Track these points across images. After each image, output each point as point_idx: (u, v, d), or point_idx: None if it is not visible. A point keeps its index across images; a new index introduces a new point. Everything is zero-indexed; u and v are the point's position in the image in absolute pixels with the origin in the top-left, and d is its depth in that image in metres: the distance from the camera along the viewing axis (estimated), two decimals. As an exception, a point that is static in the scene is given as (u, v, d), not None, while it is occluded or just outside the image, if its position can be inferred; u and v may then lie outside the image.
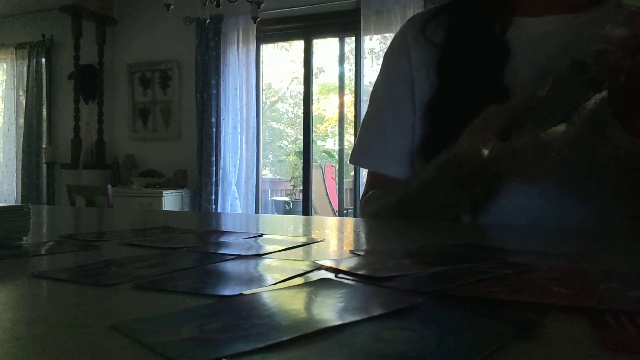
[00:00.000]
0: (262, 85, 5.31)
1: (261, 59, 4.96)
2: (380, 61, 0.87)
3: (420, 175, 0.71)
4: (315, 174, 5.33)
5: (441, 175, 0.66)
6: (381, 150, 0.80)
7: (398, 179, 0.78)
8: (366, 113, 0.86)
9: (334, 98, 8.12)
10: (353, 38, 4.57)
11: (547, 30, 0.70)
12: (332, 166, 6.84)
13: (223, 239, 0.53)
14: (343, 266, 0.37)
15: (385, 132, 0.80)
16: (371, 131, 0.83)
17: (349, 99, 5.42)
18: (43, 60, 5.48)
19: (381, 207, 0.78)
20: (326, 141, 9.13)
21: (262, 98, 5.61)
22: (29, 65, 5.53)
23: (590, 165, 0.65)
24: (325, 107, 8.96)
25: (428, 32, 0.78)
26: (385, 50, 0.87)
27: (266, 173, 8.52)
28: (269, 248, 0.47)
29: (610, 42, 0.54)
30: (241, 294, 0.29)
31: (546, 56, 0.67)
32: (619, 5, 0.67)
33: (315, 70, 5.15)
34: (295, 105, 9.12)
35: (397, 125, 0.79)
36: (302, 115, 4.83)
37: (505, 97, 0.67)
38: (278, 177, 8.74)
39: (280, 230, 0.67)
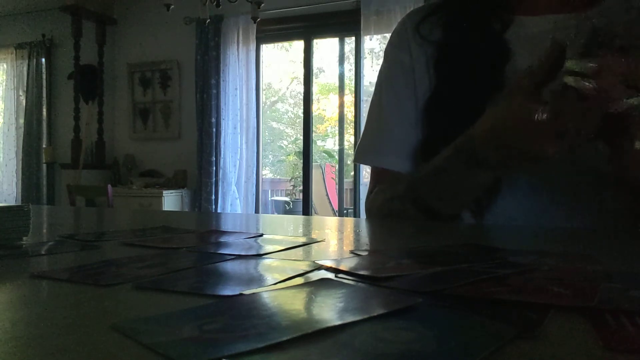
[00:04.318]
0: (262, 85, 5.31)
1: (261, 59, 4.96)
2: (381, 61, 0.86)
3: (437, 158, 0.69)
4: (315, 174, 5.33)
5: (455, 157, 0.65)
6: (385, 146, 0.80)
7: (403, 174, 0.78)
8: (369, 110, 0.85)
9: (334, 98, 8.13)
10: (353, 38, 4.57)
11: (547, 29, 0.70)
12: (332, 166, 6.84)
13: (223, 239, 0.53)
14: (343, 266, 0.37)
15: (388, 127, 0.80)
16: (374, 127, 0.83)
17: (349, 99, 5.42)
18: (43, 60, 5.48)
19: (390, 196, 0.77)
20: (326, 141, 9.13)
21: (262, 98, 5.61)
22: (29, 65, 5.53)
23: (600, 165, 0.64)
24: (325, 107, 8.96)
25: (425, 31, 0.78)
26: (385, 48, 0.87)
27: (266, 173, 8.52)
28: (269, 248, 0.47)
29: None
30: (241, 294, 0.29)
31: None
32: (620, 4, 0.67)
33: (315, 70, 5.15)
34: (295, 105, 9.12)
35: (401, 119, 0.79)
36: (302, 115, 4.83)
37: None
38: (278, 177, 8.74)
39: (280, 230, 0.67)
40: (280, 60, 8.64)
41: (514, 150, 0.59)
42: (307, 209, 4.81)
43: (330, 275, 0.35)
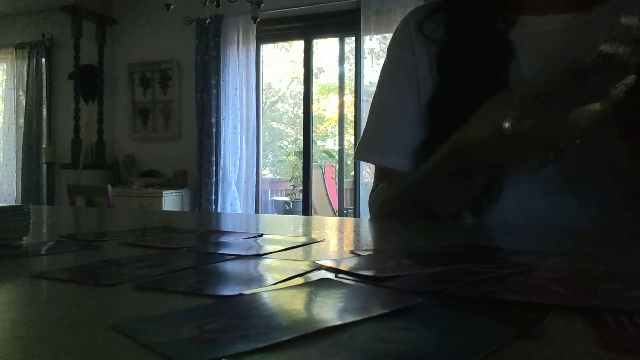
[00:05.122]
0: (262, 85, 5.30)
1: (261, 59, 4.95)
2: (381, 61, 0.86)
3: (426, 163, 0.70)
4: (315, 174, 5.32)
5: (445, 163, 0.66)
6: (387, 144, 0.80)
7: (405, 173, 0.78)
8: (371, 107, 0.85)
9: (334, 98, 8.12)
10: (353, 38, 4.57)
11: (550, 29, 0.70)
12: (332, 166, 6.84)
13: (223, 239, 0.53)
14: (343, 266, 0.37)
15: (391, 125, 0.80)
16: (376, 125, 0.83)
17: (349, 99, 5.41)
18: (43, 60, 5.48)
19: (387, 199, 0.78)
20: (326, 141, 9.12)
21: (262, 98, 5.61)
22: (29, 65, 5.53)
23: (602, 161, 0.64)
24: (325, 107, 8.96)
25: (428, 29, 0.78)
26: (385, 48, 0.86)
27: (266, 173, 8.52)
28: (269, 248, 0.47)
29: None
30: (241, 294, 0.29)
31: (551, 54, 0.67)
32: (621, 4, 0.67)
33: (315, 70, 5.15)
34: (295, 105, 9.12)
35: (403, 117, 0.78)
36: (302, 115, 4.82)
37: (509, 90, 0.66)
38: (278, 177, 8.74)
39: (280, 230, 0.67)
40: (280, 60, 8.64)
41: (497, 161, 0.60)
42: (307, 209, 4.81)
43: (330, 275, 0.35)
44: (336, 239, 0.56)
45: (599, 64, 0.53)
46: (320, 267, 0.37)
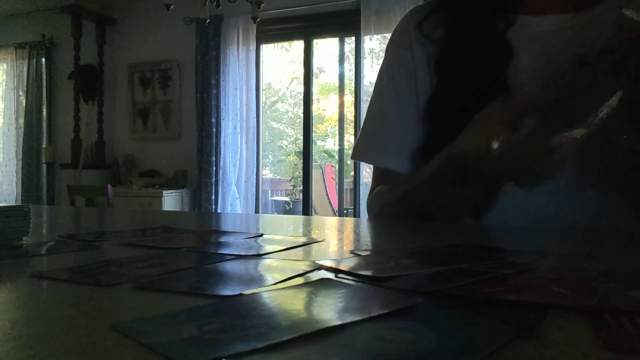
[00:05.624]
0: (262, 85, 5.31)
1: (261, 59, 4.96)
2: (381, 61, 0.86)
3: (423, 170, 0.70)
4: (315, 174, 5.33)
5: (442, 171, 0.66)
6: (387, 144, 0.79)
7: (404, 174, 0.78)
8: (369, 107, 0.85)
9: (334, 98, 8.12)
10: (353, 38, 4.57)
11: (549, 29, 0.70)
12: (332, 166, 6.84)
13: (223, 239, 0.53)
14: (343, 266, 0.37)
15: (389, 125, 0.79)
16: (374, 125, 0.82)
17: (349, 99, 5.42)
18: (43, 60, 5.48)
19: (385, 203, 0.78)
20: (326, 141, 9.12)
21: (262, 98, 5.61)
22: (29, 65, 5.53)
23: (603, 162, 0.65)
24: (325, 107, 8.96)
25: (427, 29, 0.78)
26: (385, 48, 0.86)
27: (266, 173, 8.52)
28: (269, 248, 0.47)
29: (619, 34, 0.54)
30: (241, 294, 0.29)
31: (550, 54, 0.67)
32: (621, 4, 0.67)
33: (315, 70, 5.15)
34: (295, 105, 9.12)
35: (403, 117, 0.78)
36: (302, 115, 4.83)
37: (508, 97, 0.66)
38: (278, 177, 8.74)
39: (280, 230, 0.67)
40: (280, 60, 8.65)
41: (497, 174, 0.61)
42: (307, 209, 4.81)
43: (330, 275, 0.35)
44: (336, 239, 0.56)
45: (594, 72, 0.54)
46: (320, 267, 0.37)
